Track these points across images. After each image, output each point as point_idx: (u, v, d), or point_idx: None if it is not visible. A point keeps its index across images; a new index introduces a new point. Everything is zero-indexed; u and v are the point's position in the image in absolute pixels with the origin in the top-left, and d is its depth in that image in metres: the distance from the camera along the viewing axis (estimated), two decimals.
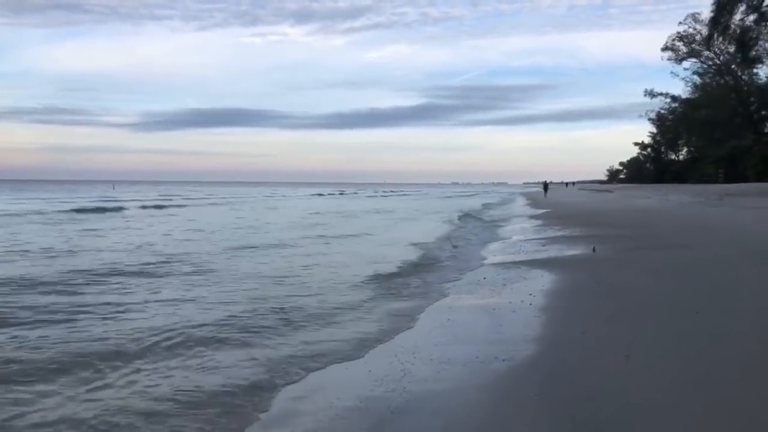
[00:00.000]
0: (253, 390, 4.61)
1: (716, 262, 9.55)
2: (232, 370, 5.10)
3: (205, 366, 5.22)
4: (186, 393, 4.53)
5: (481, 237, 17.63)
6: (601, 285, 8.17)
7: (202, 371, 5.08)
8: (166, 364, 5.27)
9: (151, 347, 5.74)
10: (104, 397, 4.48)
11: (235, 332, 6.30)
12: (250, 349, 5.74)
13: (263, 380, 4.83)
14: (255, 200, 56.13)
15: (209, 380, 4.82)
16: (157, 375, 4.97)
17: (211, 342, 5.93)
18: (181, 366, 5.21)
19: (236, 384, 4.72)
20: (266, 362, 5.30)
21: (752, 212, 19.18)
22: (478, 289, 8.65)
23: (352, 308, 7.66)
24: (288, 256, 13.28)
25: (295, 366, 5.20)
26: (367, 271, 10.68)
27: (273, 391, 4.61)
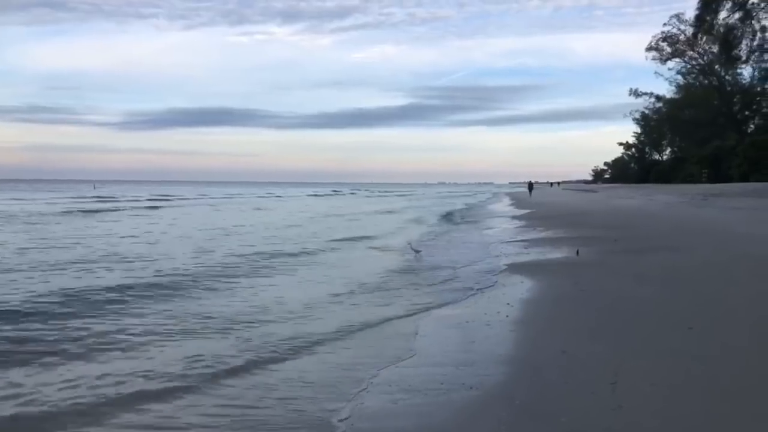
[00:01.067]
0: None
1: (706, 266, 8.95)
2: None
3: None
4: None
5: (460, 239, 16.97)
6: (585, 293, 7.52)
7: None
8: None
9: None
10: None
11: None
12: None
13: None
14: (240, 200, 55.10)
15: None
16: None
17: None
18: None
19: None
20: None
21: (738, 213, 18.74)
22: (453, 298, 7.97)
23: (311, 314, 6.95)
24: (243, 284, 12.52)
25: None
26: (338, 283, 9.99)
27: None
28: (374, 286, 9.07)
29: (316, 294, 8.49)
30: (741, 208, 19.91)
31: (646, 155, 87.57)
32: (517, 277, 9.26)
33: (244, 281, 9.63)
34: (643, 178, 73.43)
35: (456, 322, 6.53)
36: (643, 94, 65.55)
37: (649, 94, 65.68)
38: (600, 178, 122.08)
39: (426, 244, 15.42)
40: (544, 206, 34.56)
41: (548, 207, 33.25)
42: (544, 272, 9.60)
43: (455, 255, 13.11)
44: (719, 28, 39.13)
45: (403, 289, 8.80)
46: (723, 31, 35.31)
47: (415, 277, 9.93)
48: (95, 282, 9.17)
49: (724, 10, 31.10)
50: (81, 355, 5.42)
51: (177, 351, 5.49)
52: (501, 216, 28.15)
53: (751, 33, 34.14)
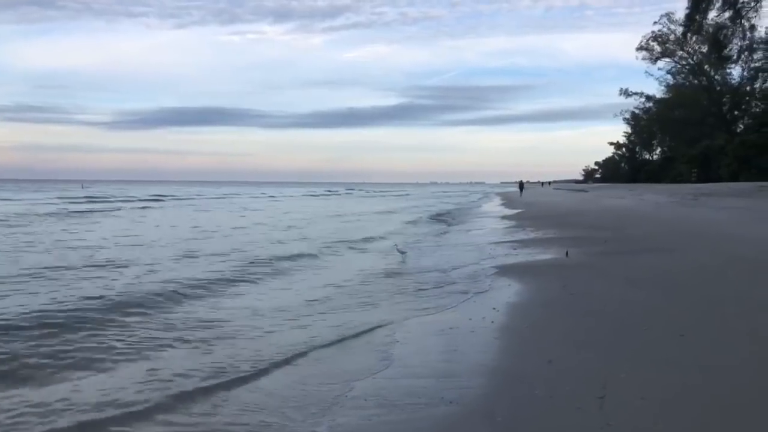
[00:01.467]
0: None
1: (699, 269, 8.73)
2: None
3: None
4: None
5: (449, 240, 16.71)
6: (574, 297, 7.27)
7: None
8: None
9: None
10: None
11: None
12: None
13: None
14: (236, 200, 54.60)
15: None
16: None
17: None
18: None
19: None
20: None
21: (729, 213, 18.60)
22: (437, 303, 7.69)
23: (283, 324, 6.65)
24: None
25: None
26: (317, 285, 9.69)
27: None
28: (353, 291, 8.77)
29: (291, 300, 8.19)
30: (732, 207, 19.78)
31: (636, 155, 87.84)
32: (504, 280, 9.00)
33: (232, 288, 9.27)
34: (634, 178, 73.60)
35: (439, 328, 6.25)
36: (633, 94, 65.79)
37: (640, 93, 65.94)
38: (591, 177, 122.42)
39: (413, 246, 15.14)
40: (535, 206, 34.40)
41: (538, 207, 33.08)
42: (533, 274, 9.35)
43: (443, 257, 12.84)
44: (709, 28, 39.15)
45: (386, 293, 8.51)
46: (713, 31, 35.31)
47: (399, 281, 9.65)
48: (57, 295, 8.54)
49: (714, 9, 31.15)
50: (27, 377, 4.95)
51: (132, 371, 5.10)
52: (491, 216, 27.94)
53: (741, 32, 34.17)
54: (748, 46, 39.34)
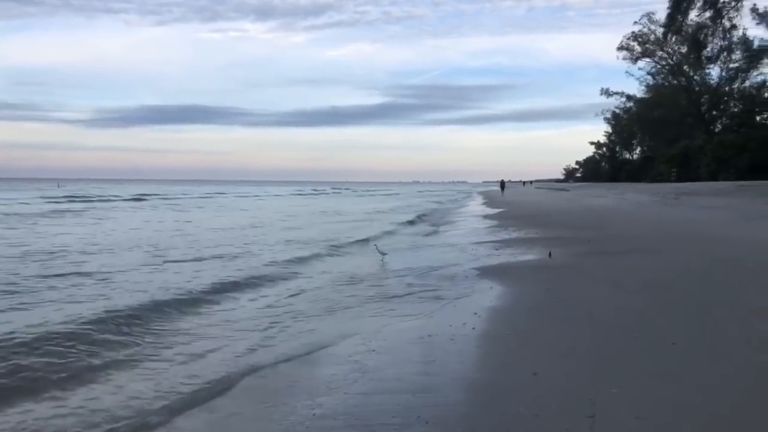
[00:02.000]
0: None
1: (685, 272, 8.48)
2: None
3: None
4: None
5: (431, 240, 16.38)
6: (558, 301, 6.95)
7: None
8: None
9: None
10: None
11: None
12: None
13: None
14: (222, 200, 53.79)
15: None
16: None
17: None
18: None
19: None
20: None
21: (710, 212, 18.55)
22: (417, 308, 7.33)
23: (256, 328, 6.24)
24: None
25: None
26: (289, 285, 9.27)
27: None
28: (327, 296, 8.34)
29: (258, 307, 7.77)
30: (712, 207, 19.75)
31: (616, 154, 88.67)
32: (486, 283, 8.67)
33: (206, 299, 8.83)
34: (614, 177, 74.20)
35: (418, 336, 5.88)
36: (614, 94, 66.33)
37: (620, 93, 66.45)
38: (572, 176, 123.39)
39: (395, 246, 14.79)
40: (517, 205, 34.28)
41: (520, 206, 32.97)
42: (516, 277, 9.05)
43: (424, 257, 12.50)
44: (689, 28, 39.42)
45: (363, 298, 8.11)
46: (693, 31, 35.52)
47: (378, 284, 9.28)
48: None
49: (696, 8, 31.34)
50: None
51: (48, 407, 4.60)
52: (473, 215, 27.69)
53: (721, 32, 34.41)
54: (726, 46, 39.69)
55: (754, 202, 19.07)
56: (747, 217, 15.67)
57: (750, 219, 15.06)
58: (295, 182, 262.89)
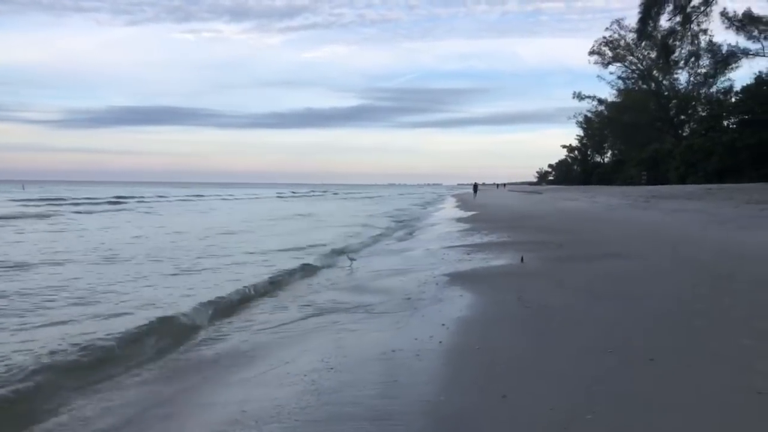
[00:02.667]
0: None
1: (660, 278, 8.23)
2: None
3: None
4: None
5: (401, 245, 15.99)
6: (530, 311, 6.60)
7: None
8: None
9: None
10: None
11: None
12: None
13: None
14: (201, 203, 52.61)
15: None
16: None
17: None
18: None
19: None
20: None
21: (681, 215, 18.54)
22: (383, 317, 6.91)
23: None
24: None
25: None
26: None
27: None
28: (286, 304, 7.88)
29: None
30: (683, 210, 19.77)
31: (588, 157, 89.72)
32: (456, 290, 8.30)
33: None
34: (586, 180, 75.06)
35: (380, 351, 5.45)
36: (586, 97, 67.02)
37: (592, 97, 67.18)
38: (544, 179, 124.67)
39: (366, 250, 14.38)
40: (489, 208, 34.17)
41: (493, 209, 32.87)
42: (486, 283, 8.70)
43: (394, 262, 12.12)
44: (657, 34, 39.87)
45: (326, 308, 7.65)
46: (662, 35, 35.93)
47: (342, 291, 8.84)
48: None
49: (666, 12, 31.66)
50: None
51: None
52: (445, 218, 27.44)
53: (690, 37, 34.86)
54: (694, 52, 40.25)
55: (723, 206, 19.13)
56: (718, 221, 15.64)
57: (721, 223, 15.02)
58: (269, 184, 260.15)
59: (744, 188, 26.56)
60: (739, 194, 22.80)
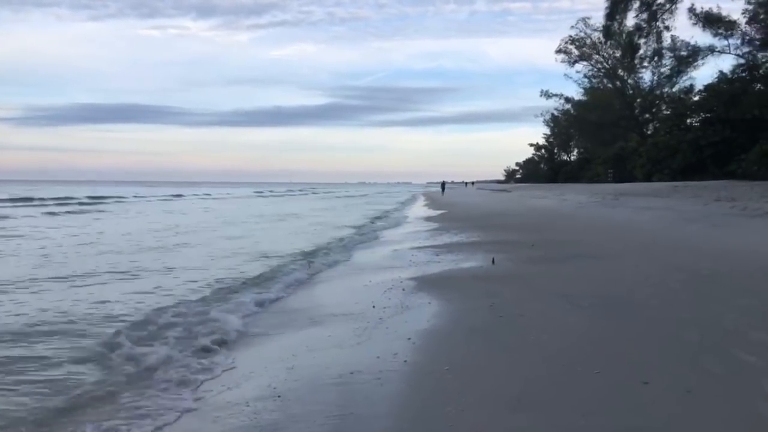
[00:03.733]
0: None
1: (640, 281, 7.73)
2: None
3: None
4: None
5: (366, 245, 15.32)
6: (504, 322, 6.00)
7: None
8: None
9: None
10: None
11: None
12: None
13: None
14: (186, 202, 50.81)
15: None
16: None
17: None
18: None
19: None
20: None
21: (651, 213, 18.33)
22: (342, 330, 6.23)
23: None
24: None
25: None
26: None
27: None
28: (232, 321, 7.08)
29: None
30: (652, 208, 19.59)
31: (555, 156, 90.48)
32: (424, 296, 7.68)
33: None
34: (553, 178, 75.59)
35: (338, 373, 4.77)
36: (553, 96, 67.37)
37: (559, 95, 67.59)
38: (512, 177, 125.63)
39: (328, 253, 13.66)
40: (458, 206, 33.80)
41: (462, 208, 32.49)
42: (456, 288, 8.10)
43: (358, 266, 11.44)
44: (623, 32, 40.10)
45: (275, 320, 6.89)
46: (628, 32, 36.06)
47: (298, 300, 8.11)
48: None
49: (633, 9, 31.74)
50: None
51: None
52: (414, 217, 26.89)
53: (655, 34, 35.04)
54: (657, 51, 40.50)
55: (691, 203, 19.00)
56: (688, 219, 15.41)
57: (691, 221, 14.78)
58: (240, 183, 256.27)
59: (709, 185, 26.67)
60: (705, 192, 22.80)
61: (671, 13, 33.44)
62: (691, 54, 35.79)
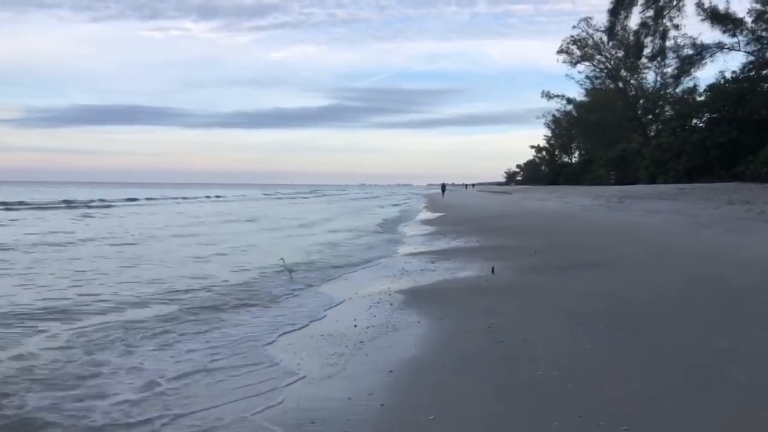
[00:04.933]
0: None
1: (660, 296, 6.77)
2: None
3: None
4: None
5: (355, 251, 14.34)
6: (505, 350, 5.04)
7: None
8: None
9: None
10: None
11: None
12: None
13: None
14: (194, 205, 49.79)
15: None
16: None
17: None
18: None
19: None
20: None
21: (659, 217, 17.38)
22: (313, 359, 5.27)
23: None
24: None
25: None
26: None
27: None
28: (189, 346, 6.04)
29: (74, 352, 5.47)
30: (660, 211, 18.63)
31: (556, 158, 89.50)
32: (412, 314, 6.73)
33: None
34: (553, 180, 74.59)
35: (296, 422, 3.81)
36: (555, 96, 66.38)
37: (561, 96, 66.60)
38: (512, 179, 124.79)
39: (313, 256, 12.70)
40: (458, 209, 32.87)
41: (461, 210, 31.55)
42: (451, 304, 7.16)
43: (342, 274, 10.48)
44: (627, 31, 39.16)
45: (232, 345, 5.87)
46: (635, 30, 35.12)
47: (268, 315, 7.13)
48: None
49: (638, 5, 30.76)
50: None
51: None
52: (411, 220, 25.92)
53: (661, 32, 34.03)
54: (659, 50, 39.48)
55: (701, 206, 18.05)
56: (700, 223, 14.45)
57: (704, 225, 13.82)
58: (241, 185, 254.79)
59: (717, 188, 25.71)
60: (714, 194, 21.85)
61: (678, 10, 32.47)
62: (700, 51, 34.73)
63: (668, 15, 33.02)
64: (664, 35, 32.92)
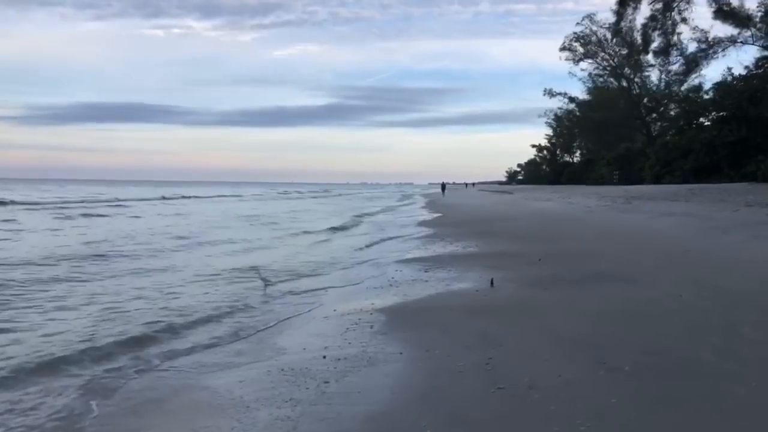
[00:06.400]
0: None
1: (694, 321, 5.58)
2: None
3: None
4: None
5: (343, 256, 13.18)
6: (507, 401, 3.88)
7: None
8: None
9: None
10: None
11: None
12: None
13: None
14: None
15: None
16: None
17: None
18: None
19: None
20: None
21: (672, 220, 16.20)
22: (261, 409, 4.11)
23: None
24: None
25: None
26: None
27: None
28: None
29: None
30: (672, 213, 17.45)
31: (557, 157, 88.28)
32: (395, 342, 5.58)
33: None
34: (555, 180, 73.41)
35: None
36: (557, 94, 65.32)
37: (563, 94, 65.50)
38: (514, 179, 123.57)
39: (294, 262, 11.56)
40: (457, 209, 31.71)
41: (461, 210, 30.38)
42: (442, 328, 5.99)
43: (321, 286, 9.33)
44: (634, 28, 38.00)
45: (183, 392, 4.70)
46: (643, 23, 33.90)
47: (226, 345, 5.97)
48: None
49: (644, 0, 29.66)
50: None
51: None
52: (408, 222, 24.73)
53: (670, 26, 32.85)
54: (667, 45, 38.20)
55: (717, 208, 16.87)
56: (719, 227, 13.25)
57: (725, 230, 12.63)
58: (244, 183, 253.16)
59: (729, 189, 24.54)
60: (728, 196, 20.66)
61: (688, 3, 31.26)
62: (712, 45, 33.50)
63: (677, 8, 31.80)
64: (673, 29, 31.72)
